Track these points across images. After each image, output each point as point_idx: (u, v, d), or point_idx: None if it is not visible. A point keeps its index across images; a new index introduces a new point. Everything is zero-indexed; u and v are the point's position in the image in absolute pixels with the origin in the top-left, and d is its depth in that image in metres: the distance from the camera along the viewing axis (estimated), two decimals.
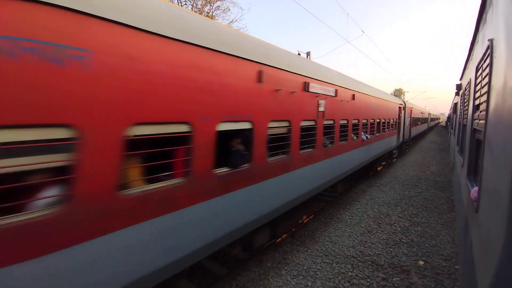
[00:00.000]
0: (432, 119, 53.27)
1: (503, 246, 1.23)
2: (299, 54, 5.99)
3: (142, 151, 2.57)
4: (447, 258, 4.76)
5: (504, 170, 1.35)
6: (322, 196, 7.67)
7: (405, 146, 17.64)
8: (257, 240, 4.24)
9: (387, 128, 11.65)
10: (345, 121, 6.69)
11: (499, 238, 1.31)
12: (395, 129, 13.41)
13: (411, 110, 18.47)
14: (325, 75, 5.58)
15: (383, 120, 10.77)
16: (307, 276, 4.15)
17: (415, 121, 21.89)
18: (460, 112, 6.64)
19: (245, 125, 3.48)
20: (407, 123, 16.66)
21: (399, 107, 14.09)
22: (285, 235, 5.38)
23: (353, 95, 7.00)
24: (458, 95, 7.80)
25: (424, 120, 31.29)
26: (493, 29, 2.08)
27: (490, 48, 2.06)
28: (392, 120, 12.48)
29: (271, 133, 3.95)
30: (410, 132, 18.26)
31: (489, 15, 2.39)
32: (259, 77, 3.60)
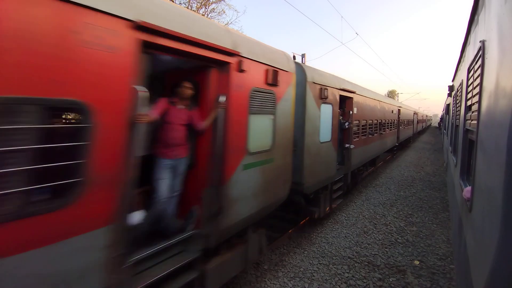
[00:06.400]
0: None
1: (497, 245, 1.24)
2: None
3: None
4: (442, 258, 4.79)
5: (497, 170, 1.36)
6: None
7: None
8: None
9: None
10: None
11: (493, 237, 1.32)
12: None
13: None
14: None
15: None
16: (304, 278, 4.14)
17: None
18: (452, 113, 6.73)
19: None
20: None
21: None
22: (281, 236, 5.37)
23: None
24: (451, 96, 7.90)
25: None
26: (485, 30, 2.11)
27: (482, 49, 2.08)
28: None
29: None
30: None
31: (481, 16, 2.42)
32: None
